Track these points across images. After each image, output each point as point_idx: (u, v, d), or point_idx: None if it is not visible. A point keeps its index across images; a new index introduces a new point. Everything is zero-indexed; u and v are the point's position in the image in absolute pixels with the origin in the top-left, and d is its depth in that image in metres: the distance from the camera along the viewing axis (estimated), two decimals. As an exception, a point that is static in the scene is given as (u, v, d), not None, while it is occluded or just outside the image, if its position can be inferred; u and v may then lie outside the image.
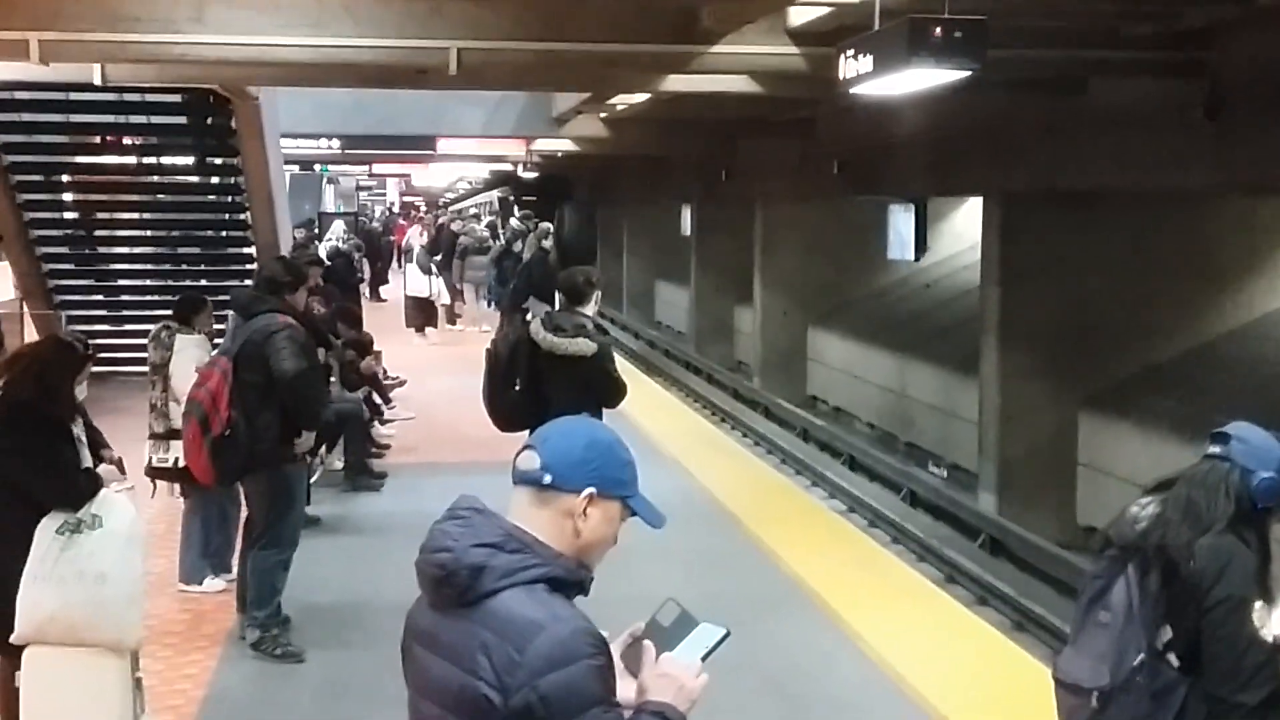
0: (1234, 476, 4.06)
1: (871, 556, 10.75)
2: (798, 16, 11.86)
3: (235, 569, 9.04)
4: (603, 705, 2.76)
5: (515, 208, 40.58)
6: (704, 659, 2.97)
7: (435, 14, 11.59)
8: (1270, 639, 3.89)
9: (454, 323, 26.41)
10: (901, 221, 22.24)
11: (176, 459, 8.56)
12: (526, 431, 8.16)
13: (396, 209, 64.68)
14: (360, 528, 11.00)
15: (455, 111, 25.14)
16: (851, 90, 8.06)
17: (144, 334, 9.71)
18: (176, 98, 17.34)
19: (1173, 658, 3.95)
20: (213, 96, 16.47)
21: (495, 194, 44.19)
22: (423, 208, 63.20)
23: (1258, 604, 3.90)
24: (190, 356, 8.76)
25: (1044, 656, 9.06)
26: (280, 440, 7.97)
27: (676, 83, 14.57)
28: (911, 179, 20.32)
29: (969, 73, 7.12)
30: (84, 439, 6.16)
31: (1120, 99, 13.96)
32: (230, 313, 9.77)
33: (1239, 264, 17.35)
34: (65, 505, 5.80)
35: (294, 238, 21.34)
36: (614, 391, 8.17)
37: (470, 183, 54.11)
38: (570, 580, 2.88)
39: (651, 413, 16.37)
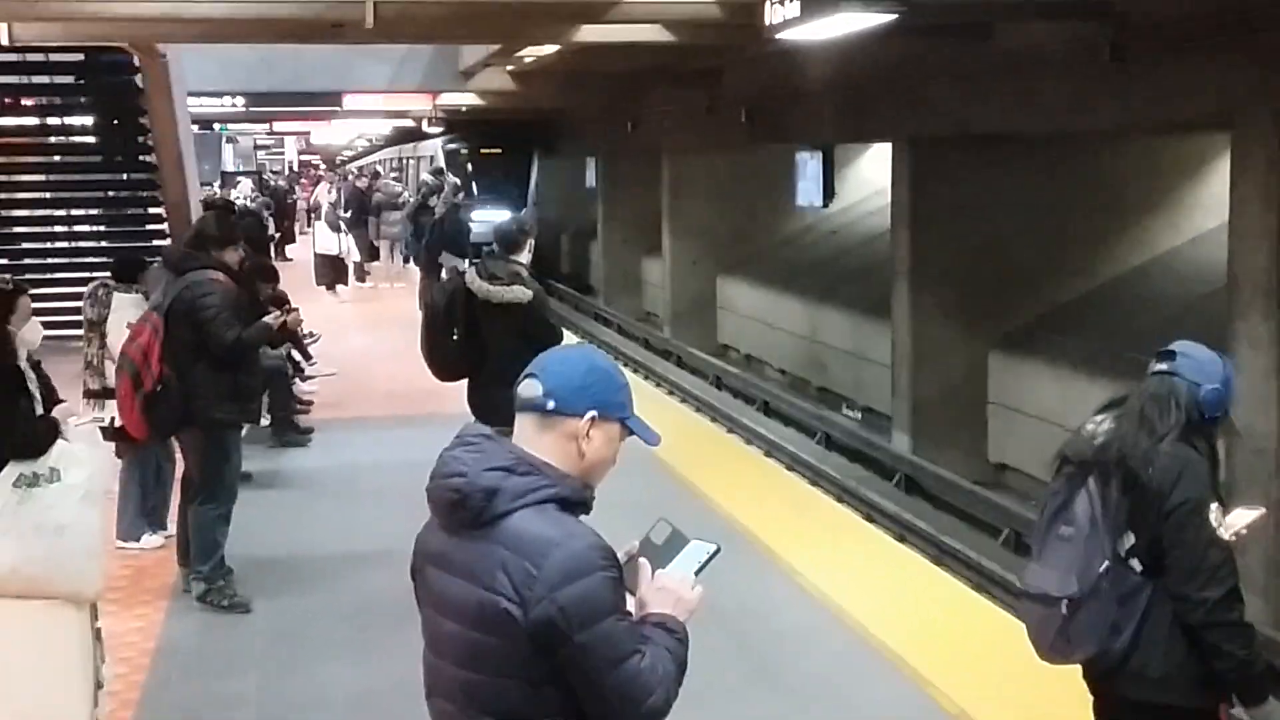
0: (1182, 390, 4.23)
1: (801, 496, 10.92)
2: (713, -35, 11.96)
3: (171, 525, 9.07)
4: (616, 615, 2.87)
5: (468, 164, 35.53)
6: (697, 573, 3.08)
7: (348, -35, 11.56)
8: (1227, 537, 4.05)
9: (363, 280, 26.27)
10: (809, 169, 22.38)
11: (113, 418, 8.51)
12: (465, 381, 8.28)
13: (295, 167, 63.98)
14: (292, 482, 11.00)
15: (361, 67, 24.88)
16: (777, 35, 8.10)
17: (49, 296, 9.59)
18: (80, 57, 17.07)
19: (1135, 563, 4.10)
20: (118, 55, 16.25)
21: (438, 144, 36.61)
22: (322, 166, 62.59)
23: (1213, 505, 4.05)
24: (127, 315, 8.68)
25: (972, 585, 9.30)
26: (217, 397, 7.95)
27: (589, 33, 14.60)
28: (821, 126, 20.43)
29: (895, 16, 7.19)
30: (37, 392, 6.11)
31: (1026, 42, 14.11)
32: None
33: (1142, 203, 17.59)
34: (24, 455, 5.76)
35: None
36: (551, 337, 8.20)
37: (371, 139, 53.51)
38: (576, 500, 2.97)
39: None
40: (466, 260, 20.98)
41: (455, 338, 8.14)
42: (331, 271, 24.77)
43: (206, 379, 7.87)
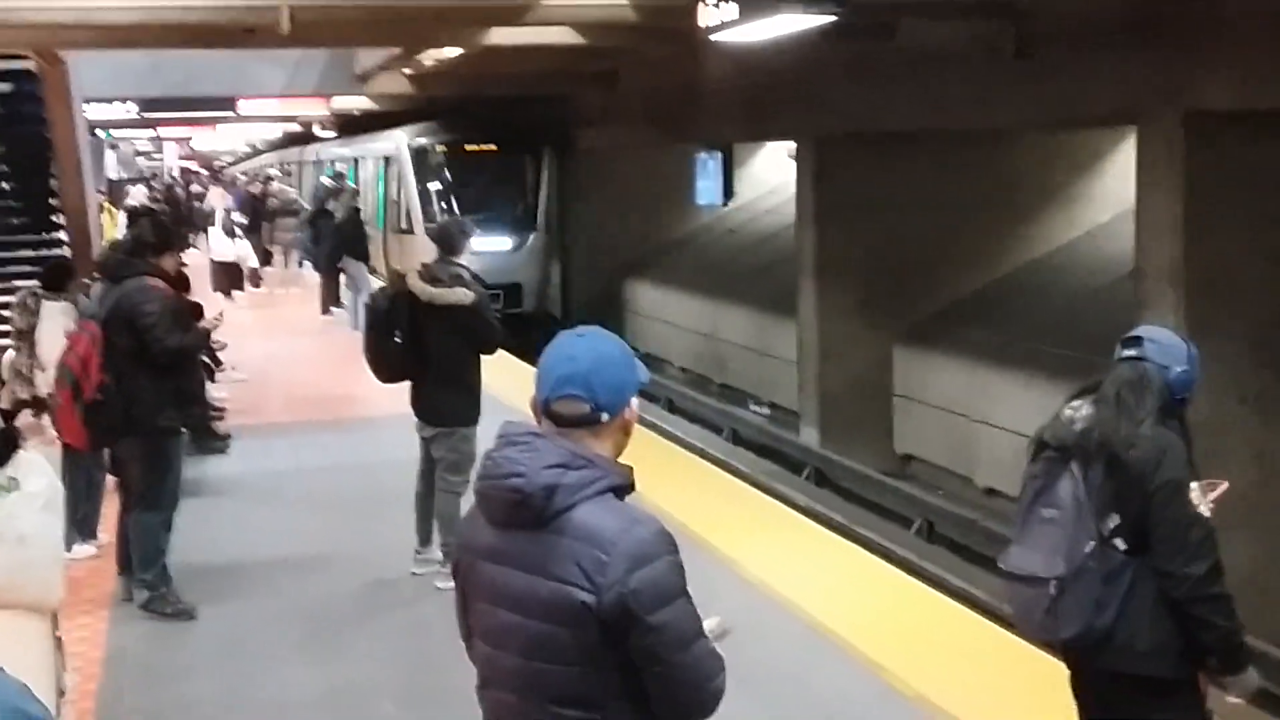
0: (1153, 373, 4.33)
1: (728, 488, 10.99)
2: (628, -33, 12.03)
3: (102, 535, 8.99)
4: (685, 597, 2.95)
5: (444, 168, 25.82)
6: None
7: (264, -29, 11.49)
8: (1207, 514, 4.18)
9: (258, 285, 26.04)
10: (709, 168, 22.57)
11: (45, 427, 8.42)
12: (408, 382, 8.28)
13: (176, 173, 63.03)
14: (218, 489, 10.88)
15: (255, 71, 24.54)
16: (713, 37, 8.20)
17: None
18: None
19: (1120, 542, 4.19)
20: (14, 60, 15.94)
21: (401, 138, 26.25)
22: (203, 172, 61.72)
23: (1193, 484, 4.17)
24: (57, 323, 8.64)
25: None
26: (159, 404, 7.89)
27: (498, 35, 14.57)
28: (723, 126, 20.54)
29: (834, 16, 7.32)
30: None
31: (929, 40, 14.30)
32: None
33: (1038, 198, 17.88)
34: (-18, 467, 5.71)
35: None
36: (492, 338, 8.28)
37: (255, 145, 52.79)
38: (626, 485, 3.03)
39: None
40: (366, 263, 20.97)
41: (398, 340, 8.16)
42: (227, 278, 24.53)
43: (148, 386, 7.80)
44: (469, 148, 25.70)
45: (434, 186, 25.35)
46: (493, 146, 25.82)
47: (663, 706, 2.96)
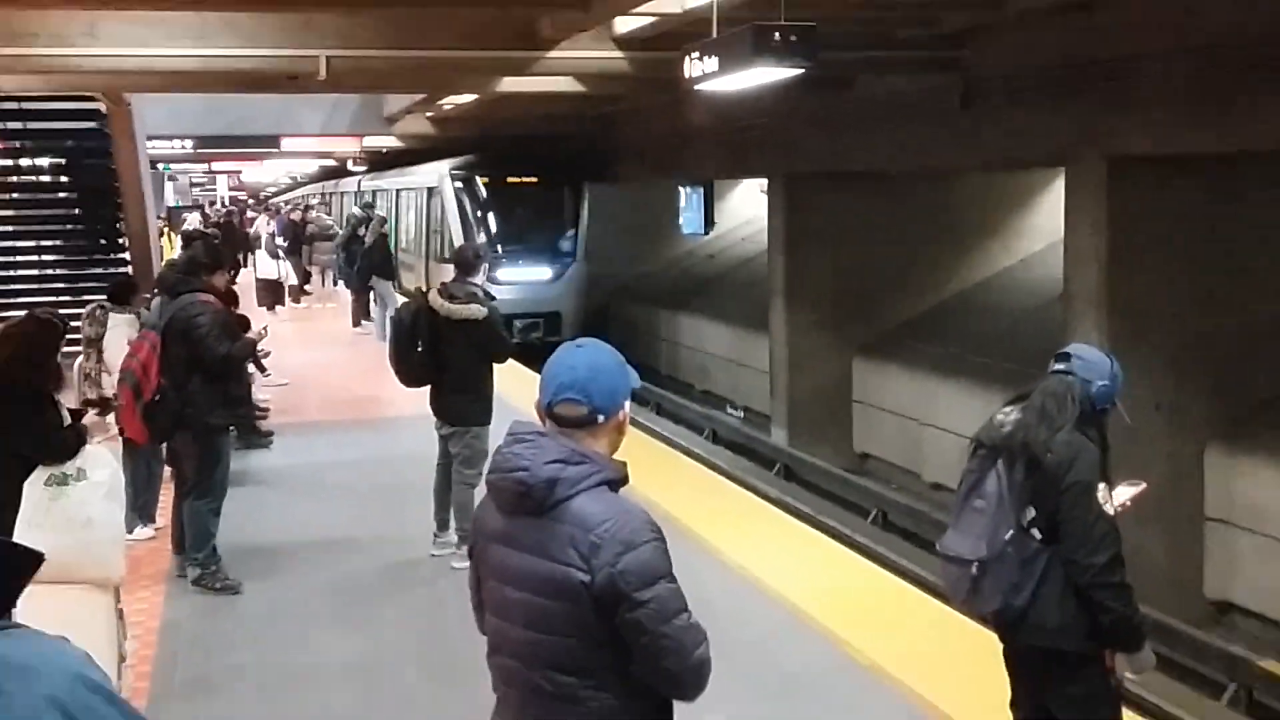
0: (1076, 386, 4.33)
1: (708, 482, 10.99)
2: (623, 25, 12.03)
3: (160, 519, 8.98)
4: (668, 577, 2.95)
5: (485, 202, 23.43)
6: None
7: (306, 26, 11.46)
8: (1112, 512, 4.18)
9: (299, 301, 26.03)
10: (694, 201, 22.60)
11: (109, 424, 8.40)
12: (428, 386, 8.29)
13: (227, 202, 62.88)
14: (262, 480, 10.84)
15: (296, 113, 24.67)
16: (697, 87, 8.21)
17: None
18: (52, 105, 16.74)
19: (1035, 532, 4.20)
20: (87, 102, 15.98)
21: (444, 170, 23.52)
22: (250, 200, 61.54)
23: (1101, 486, 4.17)
24: (122, 333, 8.65)
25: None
26: (210, 405, 7.90)
27: (510, 84, 14.58)
28: (706, 164, 20.59)
29: (805, 68, 7.34)
30: (62, 401, 6.08)
31: (885, 92, 14.36)
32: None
33: (979, 230, 18.00)
34: (56, 460, 5.72)
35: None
36: (503, 349, 8.29)
37: (296, 177, 52.69)
38: (620, 478, 3.04)
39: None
40: (392, 282, 20.94)
41: (420, 349, 8.17)
42: (271, 294, 24.55)
43: (200, 389, 7.78)
44: (511, 180, 23.52)
45: (476, 217, 23.27)
46: (534, 179, 23.63)
47: (654, 677, 2.95)
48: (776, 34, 7.17)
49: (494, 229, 23.09)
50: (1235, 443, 11.88)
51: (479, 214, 23.20)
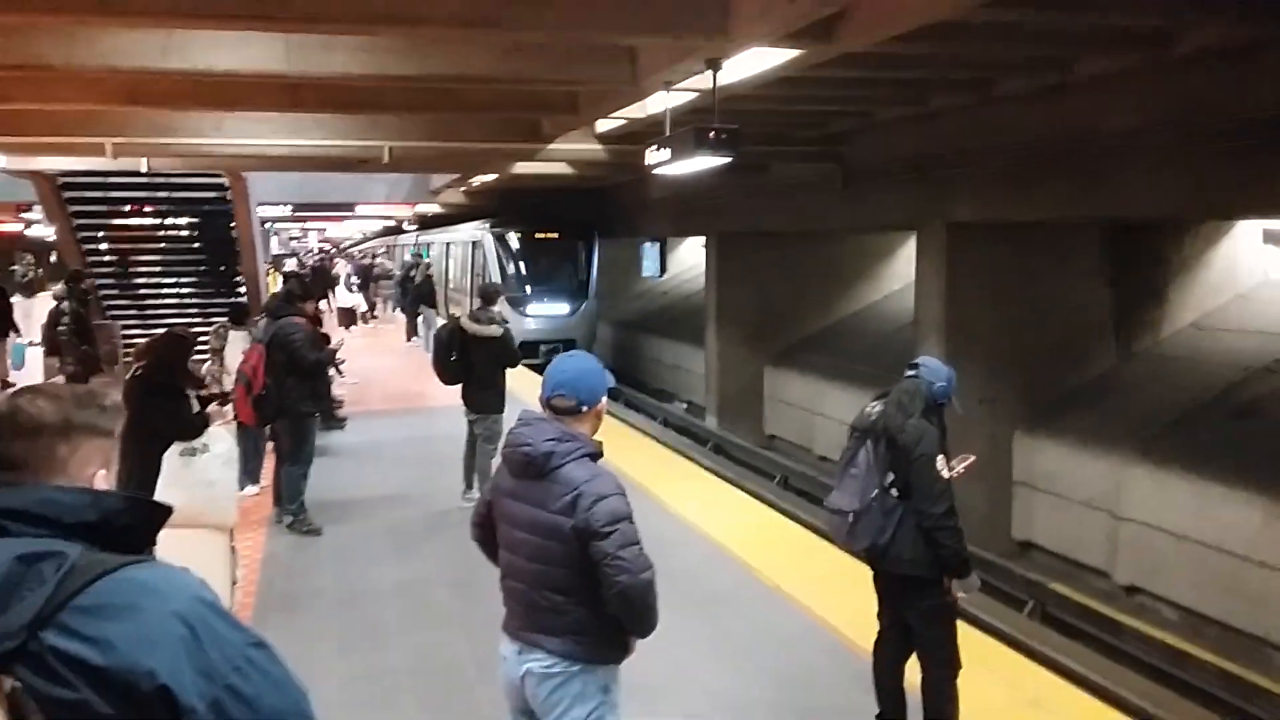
0: (923, 386, 4.34)
1: (661, 454, 10.94)
2: (603, 126, 12.00)
3: (263, 480, 8.89)
4: (627, 520, 2.90)
5: (517, 253, 21.93)
6: None
7: (374, 125, 11.37)
8: (948, 476, 4.19)
9: (368, 322, 25.87)
10: (652, 252, 22.54)
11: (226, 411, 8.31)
12: (460, 385, 8.21)
13: (318, 252, 62.24)
14: (338, 452, 10.74)
15: (367, 185, 24.47)
16: (652, 171, 8.17)
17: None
18: (188, 179, 16.58)
19: (894, 491, 4.21)
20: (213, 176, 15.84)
21: (485, 227, 22.43)
22: (334, 249, 60.96)
23: (940, 457, 4.18)
24: (238, 345, 8.56)
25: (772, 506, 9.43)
26: (301, 398, 7.83)
27: (521, 167, 14.53)
28: (661, 225, 20.57)
29: (730, 158, 7.31)
30: (193, 394, 6.00)
31: (790, 174, 14.42)
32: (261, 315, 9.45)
33: (855, 274, 18.06)
34: (187, 438, 5.66)
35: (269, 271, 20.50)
36: (514, 359, 8.24)
37: (365, 233, 52.26)
38: (598, 452, 3.02)
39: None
40: (435, 310, 20.76)
41: (453, 358, 8.11)
42: (348, 318, 24.43)
43: (294, 386, 7.73)
44: (538, 235, 22.27)
45: (510, 265, 21.83)
46: (555, 234, 22.32)
47: (614, 596, 2.87)
48: (711, 133, 7.16)
49: (524, 273, 21.84)
50: (1034, 429, 11.95)
51: (513, 261, 22.05)
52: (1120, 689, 8.34)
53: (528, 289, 21.56)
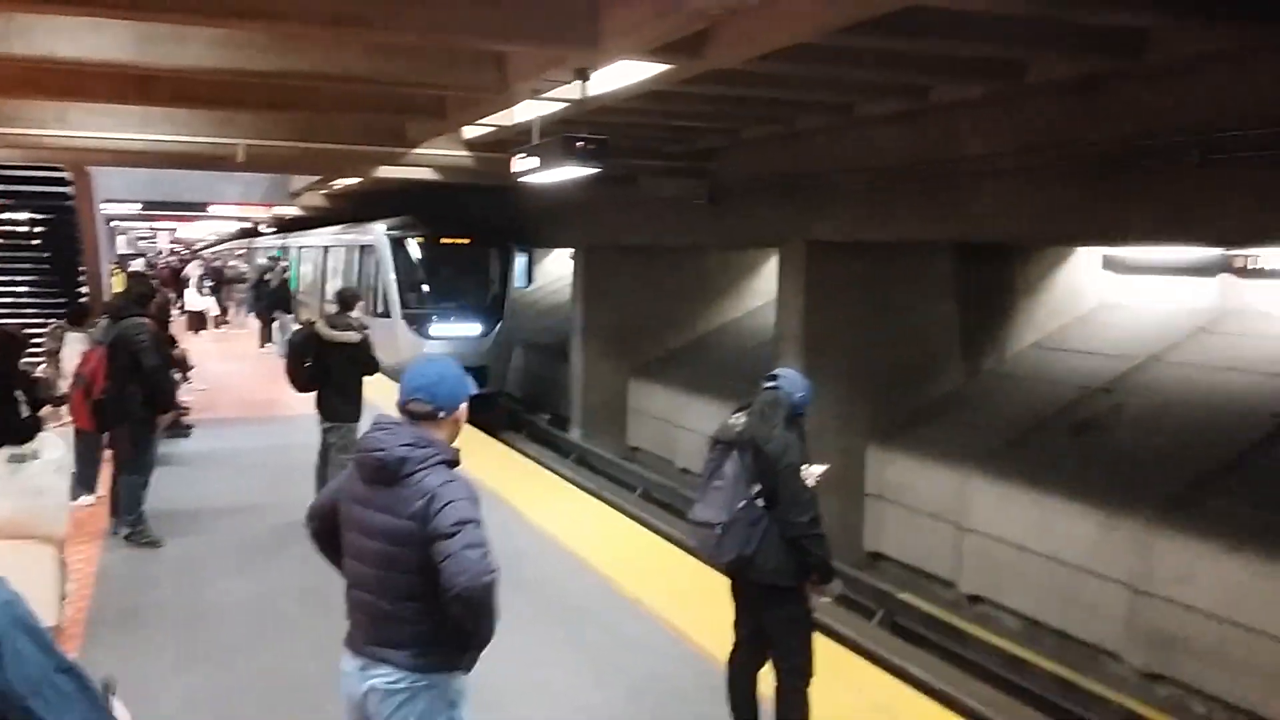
0: (784, 397, 4.38)
1: (524, 465, 10.85)
2: (470, 132, 11.86)
3: (100, 489, 8.45)
4: (474, 524, 2.81)
5: (419, 259, 18.44)
6: None
7: (229, 122, 10.98)
8: (811, 485, 4.24)
9: (219, 327, 24.96)
10: (520, 263, 22.36)
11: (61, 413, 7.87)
12: (314, 393, 7.96)
13: (166, 254, 59.69)
14: (182, 461, 10.27)
15: (221, 185, 23.61)
16: (519, 179, 8.11)
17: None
18: (29, 173, 15.65)
19: (759, 501, 4.22)
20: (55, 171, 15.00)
21: (380, 230, 18.80)
22: (184, 251, 58.60)
23: (803, 466, 4.23)
24: (75, 348, 8.10)
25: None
26: (141, 404, 7.48)
27: (384, 171, 14.23)
28: (531, 237, 20.44)
29: (598, 169, 7.31)
30: (24, 398, 5.64)
31: (658, 189, 14.50)
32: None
33: (719, 289, 18.27)
34: (16, 443, 5.32)
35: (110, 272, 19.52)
36: (373, 366, 8.03)
37: (219, 235, 50.54)
38: (454, 460, 2.95)
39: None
40: (290, 315, 20.04)
41: (308, 364, 7.86)
42: (197, 322, 23.54)
43: (136, 391, 7.37)
44: (445, 240, 18.72)
45: (411, 275, 18.37)
46: (466, 240, 18.90)
47: (452, 598, 2.72)
48: (579, 143, 7.15)
49: (428, 287, 18.40)
50: (886, 442, 12.30)
51: (413, 272, 18.41)
52: (963, 695, 8.65)
53: (430, 305, 18.23)
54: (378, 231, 18.81)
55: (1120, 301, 12.45)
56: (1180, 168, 7.33)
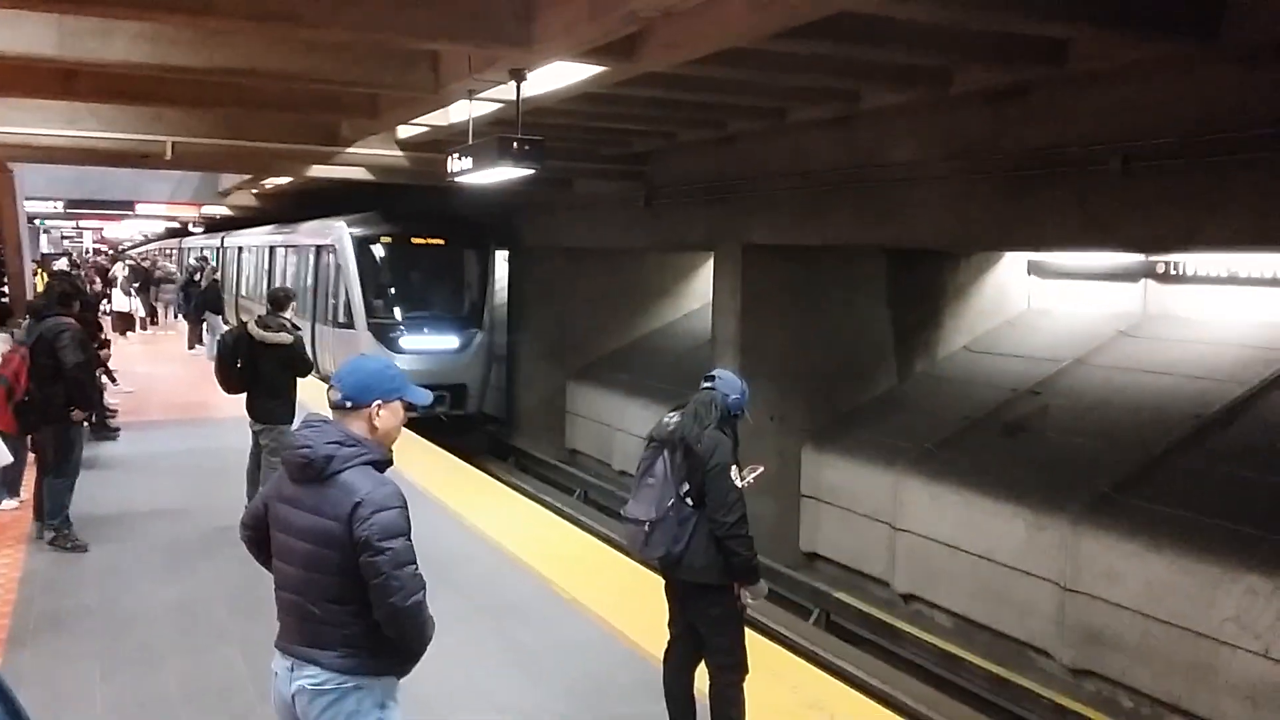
0: (719, 398, 4.41)
1: (459, 467, 10.77)
2: (404, 132, 11.77)
3: (23, 493, 8.24)
4: (406, 536, 2.81)
5: (388, 262, 16.51)
6: None
7: (157, 118, 10.79)
8: (740, 485, 4.27)
9: (146, 329, 24.44)
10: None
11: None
12: (245, 394, 7.85)
13: (92, 254, 58.23)
14: (109, 464, 10.07)
15: (149, 183, 23.13)
16: (455, 179, 8.07)
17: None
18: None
19: (689, 500, 4.25)
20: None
21: (342, 228, 16.47)
22: (109, 251, 57.23)
23: (734, 467, 4.25)
24: (-1, 347, 7.88)
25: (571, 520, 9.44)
26: (65, 405, 7.33)
27: (317, 170, 14.06)
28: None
29: (534, 170, 7.31)
30: None
31: (593, 191, 14.53)
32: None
33: (656, 292, 18.31)
34: (-69, 446, 5.17)
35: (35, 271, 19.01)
36: (305, 367, 7.93)
37: (147, 235, 49.48)
38: (383, 461, 2.92)
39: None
40: (220, 316, 19.65)
41: (239, 366, 7.74)
42: (123, 323, 23.02)
43: (60, 392, 7.23)
44: (416, 240, 16.46)
45: (377, 281, 16.23)
46: (440, 240, 16.61)
47: (384, 614, 2.78)
48: (515, 144, 7.14)
49: (397, 293, 16.51)
50: (820, 444, 12.43)
51: (380, 277, 16.44)
52: (898, 692, 8.78)
53: (400, 315, 16.26)
54: (339, 230, 16.54)
55: (1047, 306, 12.74)
56: (1101, 175, 7.53)
